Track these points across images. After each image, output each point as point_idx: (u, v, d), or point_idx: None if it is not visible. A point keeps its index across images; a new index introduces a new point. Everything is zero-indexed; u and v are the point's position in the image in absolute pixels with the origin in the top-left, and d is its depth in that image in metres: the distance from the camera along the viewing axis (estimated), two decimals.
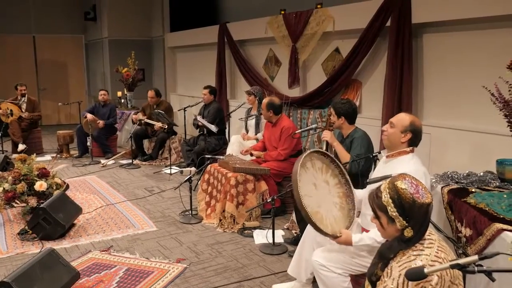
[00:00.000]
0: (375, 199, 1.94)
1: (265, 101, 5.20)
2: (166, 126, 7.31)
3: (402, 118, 2.81)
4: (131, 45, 10.26)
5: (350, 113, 3.96)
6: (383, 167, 2.86)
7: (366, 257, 2.69)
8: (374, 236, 2.57)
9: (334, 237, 2.64)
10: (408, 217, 1.84)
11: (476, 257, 1.54)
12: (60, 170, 6.88)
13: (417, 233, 1.85)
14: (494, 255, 1.56)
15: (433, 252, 1.83)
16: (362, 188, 3.13)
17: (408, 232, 1.85)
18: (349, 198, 2.90)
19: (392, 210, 1.86)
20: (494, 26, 4.16)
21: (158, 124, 7.43)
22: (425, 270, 1.61)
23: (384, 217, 1.91)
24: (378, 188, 1.95)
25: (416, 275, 1.63)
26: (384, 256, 1.92)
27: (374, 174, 3.01)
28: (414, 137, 2.77)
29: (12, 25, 11.57)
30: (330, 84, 5.82)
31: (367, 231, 2.75)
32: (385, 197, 1.88)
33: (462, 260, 1.56)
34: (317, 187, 2.81)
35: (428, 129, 4.66)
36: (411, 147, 2.78)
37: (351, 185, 2.94)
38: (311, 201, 2.69)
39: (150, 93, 7.81)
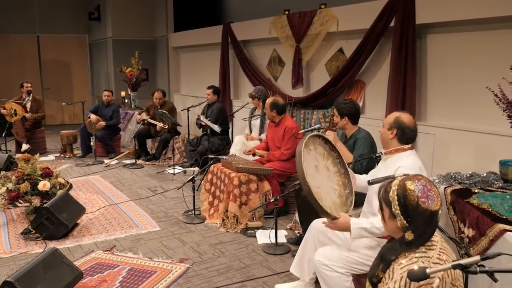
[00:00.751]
0: (383, 192, 1.95)
1: (268, 100, 5.20)
2: (167, 127, 7.32)
3: (389, 116, 2.89)
4: (135, 45, 10.28)
5: (353, 113, 3.97)
6: (383, 165, 2.90)
7: (367, 254, 2.69)
8: (373, 221, 2.57)
9: (333, 218, 2.65)
10: (409, 218, 1.84)
11: (478, 257, 1.53)
12: (63, 170, 6.88)
13: (419, 237, 1.84)
14: (496, 255, 1.55)
15: (435, 254, 1.82)
16: None
17: (409, 235, 1.84)
18: (347, 188, 2.90)
19: (395, 208, 1.86)
20: (498, 27, 4.14)
21: (159, 124, 7.45)
22: (427, 270, 1.60)
23: (388, 211, 1.92)
24: (390, 182, 1.94)
25: (418, 276, 1.63)
26: (385, 258, 1.92)
27: (374, 172, 3.03)
28: (401, 133, 2.79)
29: (16, 25, 11.61)
30: (333, 85, 5.81)
31: None
32: (392, 193, 1.88)
33: (464, 261, 1.56)
34: (318, 169, 2.83)
35: (431, 129, 4.65)
36: (408, 145, 2.80)
37: (350, 174, 2.95)
38: (313, 181, 2.70)
39: (157, 95, 7.76)
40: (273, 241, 4.20)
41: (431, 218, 1.84)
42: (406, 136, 2.80)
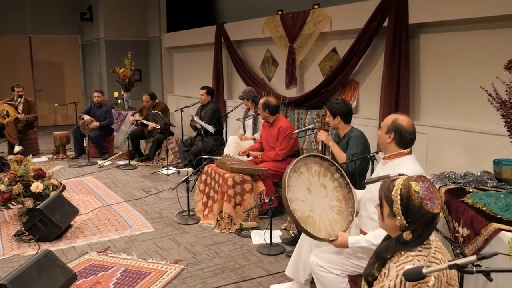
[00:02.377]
0: (386, 190, 1.93)
1: (261, 101, 5.20)
2: (159, 127, 7.31)
3: (387, 118, 2.79)
4: (128, 46, 10.23)
5: (345, 113, 3.97)
6: (382, 169, 2.82)
7: (364, 258, 2.68)
8: (370, 239, 2.57)
9: (329, 240, 2.64)
10: (410, 219, 1.83)
11: (474, 257, 1.53)
12: (56, 171, 6.86)
13: (416, 238, 1.84)
14: (492, 255, 1.55)
15: (430, 253, 1.82)
16: (358, 187, 3.12)
17: (407, 235, 1.84)
18: (349, 200, 2.88)
19: (396, 207, 1.86)
20: (491, 26, 4.16)
21: (151, 125, 7.43)
22: (424, 270, 1.60)
23: (388, 209, 1.91)
24: (394, 180, 1.93)
25: (414, 275, 1.62)
26: (381, 256, 1.92)
27: (372, 176, 3.00)
28: (399, 136, 2.68)
29: (8, 26, 11.53)
30: (327, 85, 5.81)
31: (364, 233, 2.74)
32: (395, 192, 1.87)
33: (461, 261, 1.55)
34: (311, 191, 2.81)
35: (425, 129, 4.66)
36: (407, 149, 2.72)
37: (352, 187, 2.93)
38: (303, 205, 2.69)
39: (145, 98, 7.82)
40: (268, 241, 4.19)
41: (431, 221, 1.83)
42: (404, 140, 2.69)
